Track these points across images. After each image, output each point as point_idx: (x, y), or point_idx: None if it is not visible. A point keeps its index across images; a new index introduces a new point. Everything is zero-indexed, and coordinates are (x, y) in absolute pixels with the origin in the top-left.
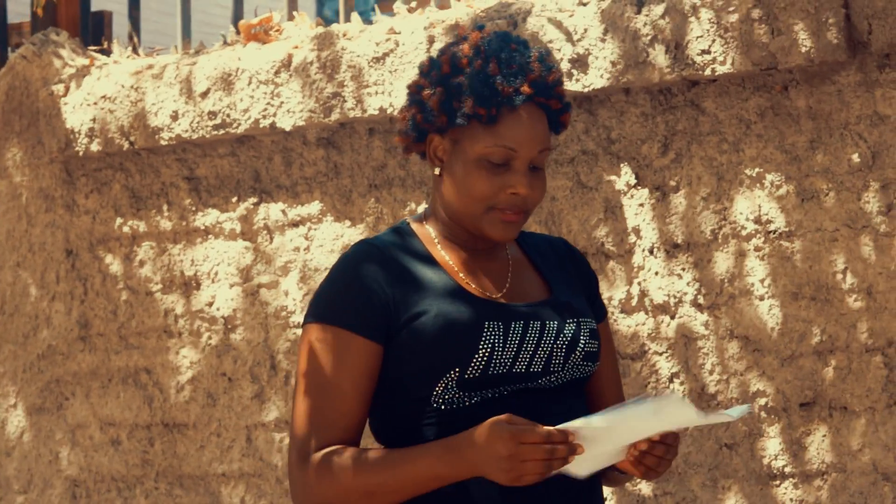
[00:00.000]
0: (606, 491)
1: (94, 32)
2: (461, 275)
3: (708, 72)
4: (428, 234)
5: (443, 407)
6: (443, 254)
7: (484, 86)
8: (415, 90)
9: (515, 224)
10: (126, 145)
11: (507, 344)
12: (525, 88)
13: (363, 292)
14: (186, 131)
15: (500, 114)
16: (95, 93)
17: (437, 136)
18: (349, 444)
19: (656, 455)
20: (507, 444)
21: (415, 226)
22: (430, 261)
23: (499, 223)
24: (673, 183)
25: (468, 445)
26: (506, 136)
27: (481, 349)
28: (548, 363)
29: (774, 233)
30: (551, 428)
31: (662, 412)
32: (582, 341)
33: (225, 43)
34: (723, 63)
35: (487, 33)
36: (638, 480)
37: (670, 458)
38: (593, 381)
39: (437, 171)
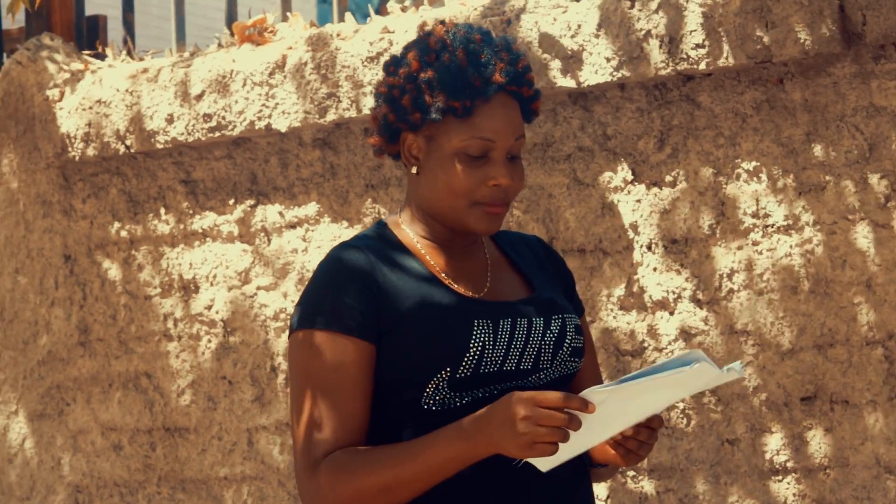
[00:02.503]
0: (605, 488)
1: (88, 37)
2: (443, 274)
3: (703, 66)
4: (406, 234)
5: (433, 408)
6: (424, 253)
7: (455, 79)
8: (384, 90)
9: (500, 216)
10: (122, 149)
11: (496, 342)
12: (497, 77)
13: (354, 294)
14: (182, 134)
15: (475, 106)
16: (91, 97)
17: (410, 134)
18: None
19: (640, 439)
20: (525, 405)
21: (392, 226)
22: (412, 260)
23: (484, 217)
24: (669, 178)
25: (483, 416)
26: (482, 128)
27: (472, 347)
28: (537, 360)
29: (772, 226)
30: (571, 394)
31: (691, 379)
32: (568, 337)
33: (219, 45)
34: (718, 57)
35: (450, 26)
36: (640, 477)
37: (653, 442)
38: (576, 377)
39: (413, 170)
